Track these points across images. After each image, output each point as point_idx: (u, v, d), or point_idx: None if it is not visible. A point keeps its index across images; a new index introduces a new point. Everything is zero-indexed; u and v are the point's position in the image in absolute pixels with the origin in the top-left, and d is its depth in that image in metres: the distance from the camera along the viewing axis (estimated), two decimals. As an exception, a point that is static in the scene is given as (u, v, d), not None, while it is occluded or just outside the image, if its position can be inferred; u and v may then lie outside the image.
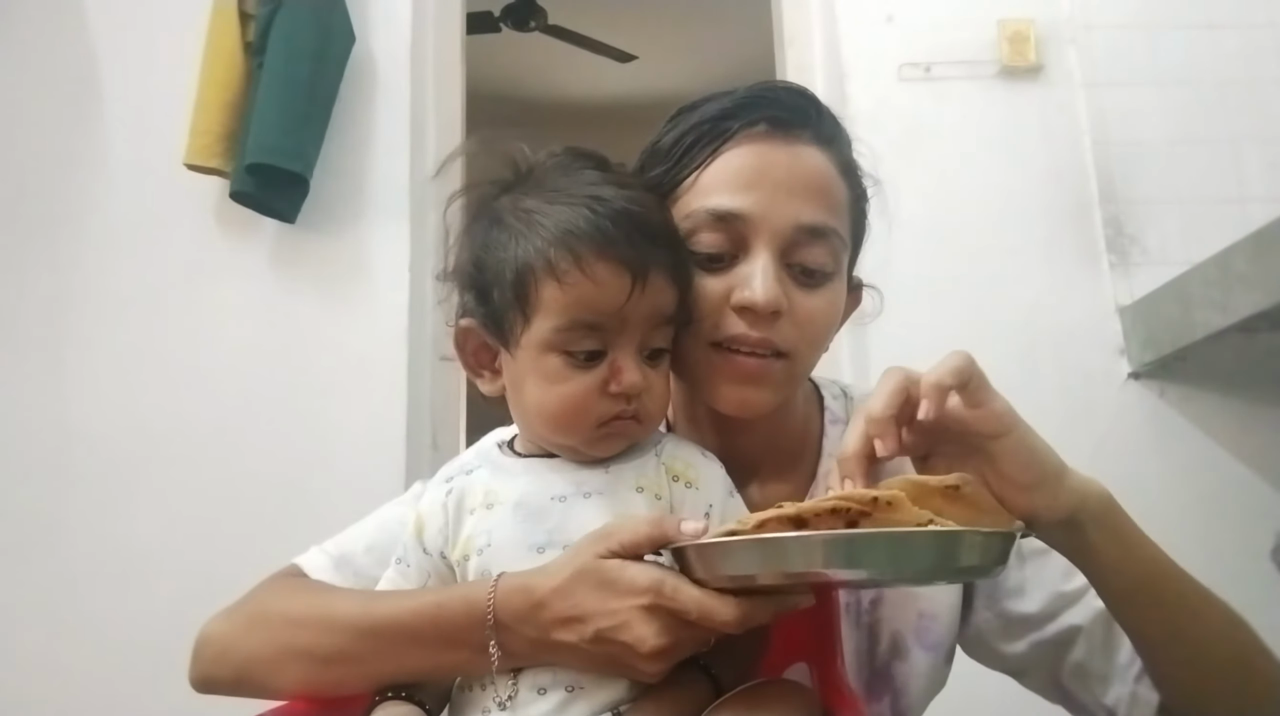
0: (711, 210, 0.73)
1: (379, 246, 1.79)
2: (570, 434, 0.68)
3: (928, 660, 0.83)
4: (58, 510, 1.68)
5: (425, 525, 0.71)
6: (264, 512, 1.66)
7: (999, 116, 1.87)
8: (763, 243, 0.73)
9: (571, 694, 0.63)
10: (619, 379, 0.66)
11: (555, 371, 0.67)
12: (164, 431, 1.70)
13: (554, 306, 0.66)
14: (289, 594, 0.75)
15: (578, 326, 0.66)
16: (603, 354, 0.67)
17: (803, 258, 0.74)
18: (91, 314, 1.75)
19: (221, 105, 1.71)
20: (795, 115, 0.77)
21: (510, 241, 0.68)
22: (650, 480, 0.69)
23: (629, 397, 0.67)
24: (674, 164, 0.77)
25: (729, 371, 0.74)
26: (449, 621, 0.65)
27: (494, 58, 3.67)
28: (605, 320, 0.66)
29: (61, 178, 1.80)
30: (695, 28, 3.74)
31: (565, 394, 0.66)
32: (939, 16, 1.91)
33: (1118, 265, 1.80)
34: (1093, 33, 1.90)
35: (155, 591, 1.63)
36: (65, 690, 1.60)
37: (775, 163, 0.75)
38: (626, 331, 0.67)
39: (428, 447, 1.78)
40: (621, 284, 0.65)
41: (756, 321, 0.72)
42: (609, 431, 0.68)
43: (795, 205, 0.74)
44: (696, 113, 0.78)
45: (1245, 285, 1.40)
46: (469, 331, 0.72)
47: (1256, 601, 0.91)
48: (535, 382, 0.68)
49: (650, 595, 0.59)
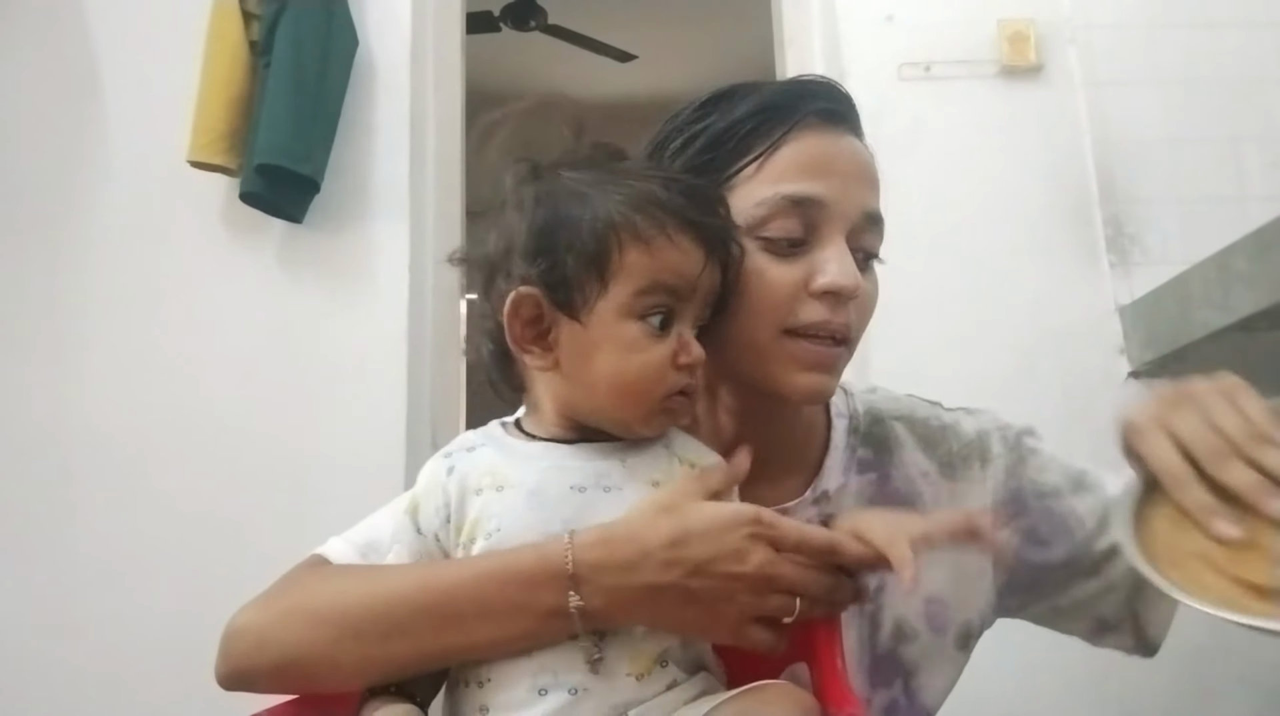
0: (788, 195, 0.74)
1: (379, 245, 1.79)
2: (638, 405, 0.68)
3: (937, 642, 0.83)
4: (58, 509, 1.68)
5: (421, 504, 0.69)
6: (264, 511, 1.66)
7: (999, 116, 1.87)
8: (836, 228, 0.75)
9: (575, 696, 0.62)
10: (688, 350, 0.67)
11: (634, 339, 0.66)
12: (163, 430, 1.70)
13: (638, 268, 0.66)
14: (331, 576, 0.72)
15: (659, 290, 0.67)
16: (670, 326, 0.68)
17: (865, 243, 0.77)
18: (92, 313, 1.75)
19: (225, 102, 1.71)
20: (842, 108, 0.79)
21: (586, 207, 0.67)
22: (664, 472, 0.69)
23: (694, 371, 0.68)
24: (730, 151, 0.77)
25: (805, 359, 0.74)
26: (521, 581, 0.62)
27: (494, 58, 3.67)
28: (682, 288, 0.67)
29: (63, 177, 1.80)
30: (695, 28, 3.74)
31: (644, 362, 0.66)
32: (939, 16, 1.91)
33: (1118, 265, 1.80)
34: (1093, 33, 1.90)
35: (156, 590, 1.63)
36: (65, 689, 1.60)
37: (841, 151, 0.77)
38: (692, 305, 0.69)
39: (428, 447, 1.78)
40: (699, 255, 0.67)
41: (838, 305, 0.74)
42: (670, 406, 0.68)
43: (862, 193, 0.77)
44: (745, 102, 0.79)
45: (1245, 284, 1.40)
46: (527, 299, 0.68)
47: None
48: (610, 351, 0.66)
49: (753, 524, 0.63)
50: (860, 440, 0.86)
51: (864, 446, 0.86)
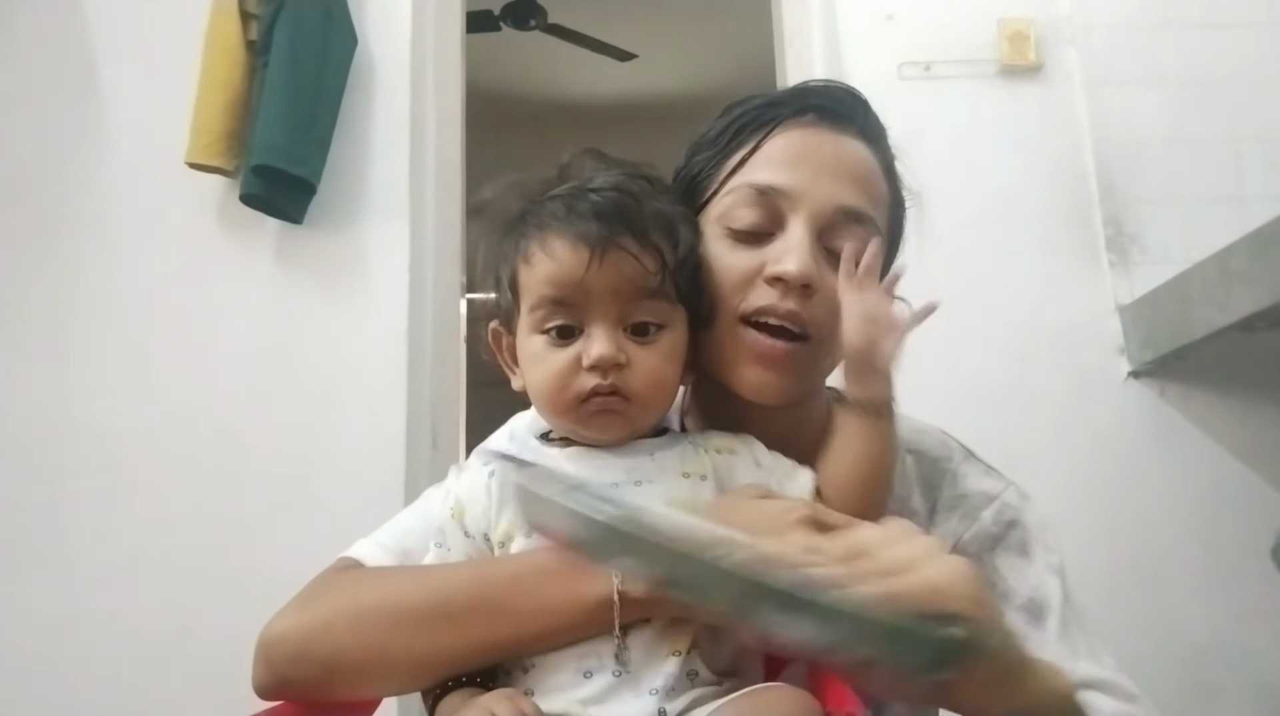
0: (754, 184, 0.75)
1: (379, 246, 1.79)
2: (559, 413, 0.70)
3: None
4: (58, 509, 1.68)
5: (467, 508, 0.71)
6: (265, 511, 1.66)
7: (999, 116, 1.88)
8: (801, 219, 0.74)
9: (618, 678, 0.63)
10: (589, 352, 0.68)
11: (537, 352, 0.70)
12: (163, 430, 1.70)
13: (525, 287, 0.70)
14: (376, 577, 0.72)
15: (545, 303, 0.69)
16: (577, 331, 0.69)
17: (840, 240, 0.74)
18: (92, 313, 1.75)
19: (224, 104, 1.71)
20: (843, 108, 0.79)
21: (508, 240, 0.72)
22: (694, 464, 0.71)
23: (604, 371, 0.68)
24: (720, 150, 0.79)
25: (753, 350, 0.74)
26: (569, 571, 0.64)
27: (494, 57, 3.67)
28: (569, 294, 0.68)
29: (62, 177, 1.80)
30: (695, 27, 3.73)
31: (545, 372, 0.69)
32: (939, 16, 1.91)
33: (1118, 264, 1.80)
34: (1093, 32, 1.90)
35: (156, 590, 1.63)
36: (65, 689, 1.60)
37: (821, 145, 0.77)
38: (595, 305, 0.68)
39: (428, 447, 1.78)
40: (579, 257, 0.67)
41: (787, 293, 0.73)
42: (592, 408, 0.69)
43: (837, 187, 0.75)
44: (744, 105, 0.80)
45: (1245, 284, 1.40)
46: (495, 332, 0.76)
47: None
48: (528, 365, 0.71)
49: (806, 508, 0.64)
50: None
51: None
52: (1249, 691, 1.62)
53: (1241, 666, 1.62)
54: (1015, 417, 1.70)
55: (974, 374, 1.72)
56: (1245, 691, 1.62)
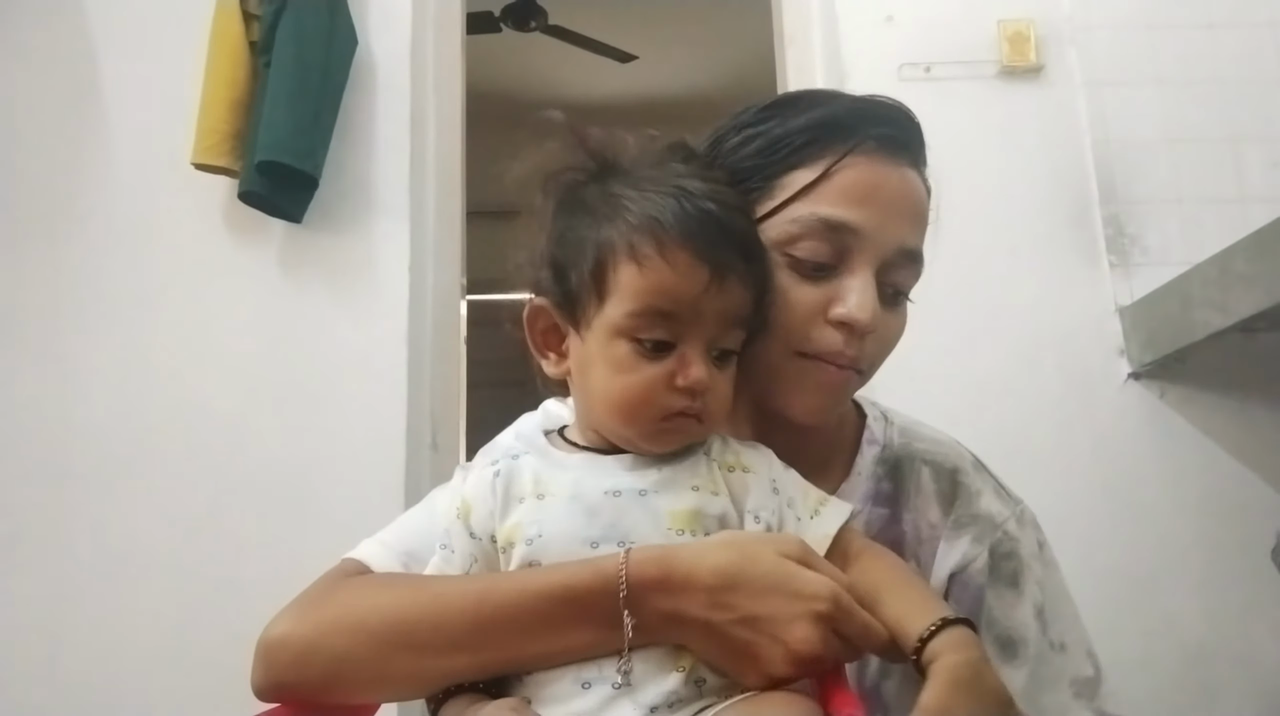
0: (824, 218, 0.74)
1: (379, 246, 1.79)
2: (631, 424, 0.68)
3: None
4: (58, 509, 1.68)
5: (473, 508, 0.69)
6: (264, 511, 1.66)
7: (999, 116, 1.88)
8: (866, 259, 0.74)
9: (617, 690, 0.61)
10: (686, 373, 0.66)
11: (623, 359, 0.66)
12: (163, 430, 1.70)
13: (630, 290, 0.65)
14: (378, 586, 0.71)
15: (651, 312, 0.65)
16: (671, 347, 0.66)
17: (896, 279, 0.76)
18: (92, 313, 1.75)
19: (228, 104, 1.71)
20: (905, 136, 0.79)
21: (594, 223, 0.68)
22: (704, 479, 0.68)
23: (694, 393, 0.66)
24: (778, 161, 0.77)
25: (814, 381, 0.74)
26: (579, 597, 0.62)
27: (494, 58, 3.67)
28: (680, 310, 0.65)
29: (63, 177, 1.80)
30: (695, 28, 3.74)
31: (631, 383, 0.66)
32: (939, 16, 1.91)
33: (1118, 265, 1.80)
34: (1093, 33, 1.90)
35: (155, 590, 1.63)
36: (64, 689, 1.60)
37: (889, 182, 0.76)
38: (699, 326, 0.66)
39: (428, 447, 1.78)
40: (700, 276, 0.65)
41: (851, 338, 0.73)
42: (669, 427, 0.67)
43: (902, 228, 0.76)
44: (807, 113, 0.78)
45: (1245, 285, 1.40)
46: (540, 310, 0.71)
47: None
48: (602, 368, 0.67)
49: (830, 603, 0.61)
50: (886, 472, 0.85)
51: (888, 479, 0.85)
52: (1249, 691, 1.62)
53: (1241, 666, 1.62)
54: (1015, 418, 1.70)
55: (974, 374, 1.72)
56: (1245, 691, 1.62)
